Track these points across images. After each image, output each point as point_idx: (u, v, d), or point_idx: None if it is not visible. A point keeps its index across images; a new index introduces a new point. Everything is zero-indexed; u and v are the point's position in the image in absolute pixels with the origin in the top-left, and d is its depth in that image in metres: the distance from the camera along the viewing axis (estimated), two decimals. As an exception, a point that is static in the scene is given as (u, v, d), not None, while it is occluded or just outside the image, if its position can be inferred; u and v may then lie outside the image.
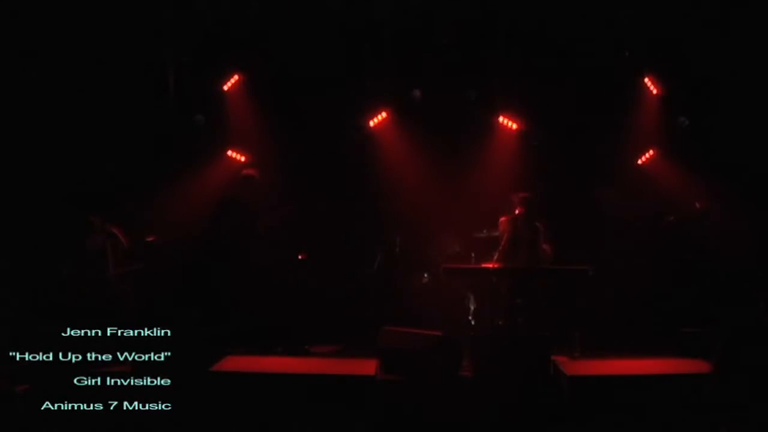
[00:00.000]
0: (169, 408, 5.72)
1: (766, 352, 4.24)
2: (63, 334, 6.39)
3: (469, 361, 6.63)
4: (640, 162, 9.24)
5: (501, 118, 9.20)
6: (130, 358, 6.24)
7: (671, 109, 9.06)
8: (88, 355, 6.23)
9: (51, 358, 6.13)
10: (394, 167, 9.28)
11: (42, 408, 5.65)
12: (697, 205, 8.34)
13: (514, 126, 9.21)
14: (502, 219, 7.83)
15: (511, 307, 7.48)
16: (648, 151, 9.21)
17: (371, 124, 9.30)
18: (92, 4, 8.44)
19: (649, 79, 9.11)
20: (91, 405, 5.75)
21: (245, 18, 8.93)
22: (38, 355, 6.22)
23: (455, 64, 9.12)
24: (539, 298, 7.56)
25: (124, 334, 6.50)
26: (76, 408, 5.71)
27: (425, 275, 8.71)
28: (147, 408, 5.75)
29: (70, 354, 6.14)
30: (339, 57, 9.14)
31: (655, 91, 9.13)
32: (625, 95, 9.12)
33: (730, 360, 4.30)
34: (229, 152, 9.10)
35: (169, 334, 6.29)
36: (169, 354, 6.11)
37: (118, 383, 5.98)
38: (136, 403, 5.78)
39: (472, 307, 8.00)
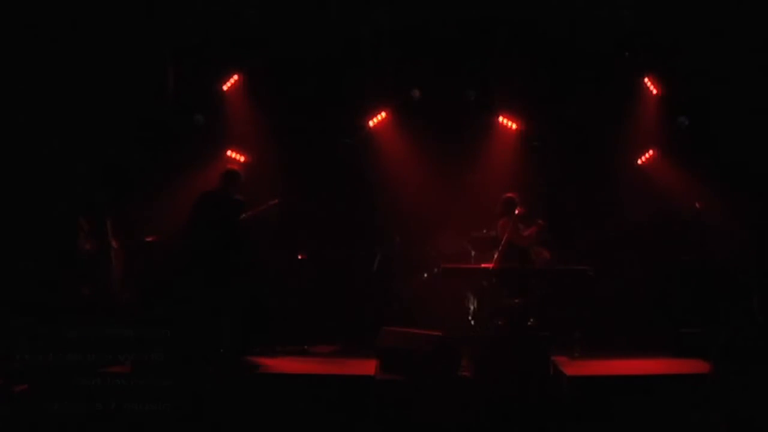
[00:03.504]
0: (169, 408, 5.73)
1: (762, 350, 4.24)
2: (63, 334, 6.39)
3: (469, 361, 6.63)
4: (640, 162, 9.25)
5: (501, 118, 9.21)
6: (130, 358, 6.25)
7: (671, 109, 9.06)
8: (88, 355, 6.23)
9: (51, 358, 6.14)
10: (394, 167, 9.28)
11: (42, 408, 5.66)
12: (697, 205, 8.34)
13: (514, 126, 9.21)
14: (501, 222, 7.89)
15: (511, 307, 7.49)
16: (648, 151, 9.21)
17: (371, 124, 9.30)
18: (91, 3, 8.43)
19: (649, 79, 9.11)
20: (91, 405, 5.76)
21: (245, 18, 8.92)
22: (38, 355, 6.22)
23: (455, 64, 9.13)
24: (539, 298, 7.57)
25: (124, 334, 6.51)
26: (76, 408, 5.72)
27: (425, 275, 8.71)
28: (147, 408, 5.76)
29: (70, 354, 6.15)
30: (338, 57, 9.14)
31: (655, 91, 9.13)
32: (624, 95, 9.12)
33: (727, 359, 4.30)
34: (229, 152, 9.09)
35: (169, 334, 6.30)
36: (169, 354, 6.11)
37: (118, 383, 5.98)
38: (136, 403, 5.79)
39: (472, 307, 8.00)
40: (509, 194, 8.05)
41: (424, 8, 8.95)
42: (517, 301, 7.52)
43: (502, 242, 7.64)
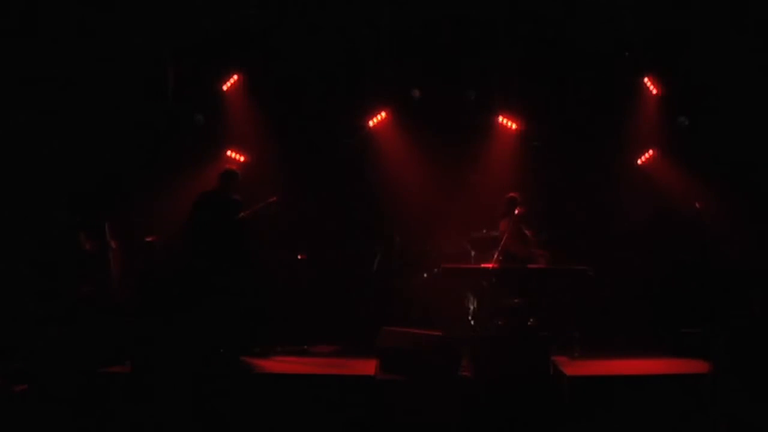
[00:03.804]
0: (168, 407, 5.74)
1: (762, 350, 4.24)
2: (64, 333, 6.40)
3: (469, 361, 6.62)
4: (640, 162, 9.24)
5: (501, 118, 9.21)
6: (130, 358, 6.25)
7: (671, 109, 9.05)
8: (89, 353, 6.24)
9: (51, 356, 6.14)
10: (394, 167, 9.28)
11: (42, 407, 5.66)
12: (697, 205, 8.34)
13: (514, 126, 9.21)
14: (502, 222, 7.89)
15: (511, 307, 7.48)
16: (648, 151, 9.21)
17: (371, 124, 9.30)
18: (92, 4, 8.43)
19: (649, 79, 9.10)
20: (91, 404, 5.77)
21: (245, 18, 8.92)
22: (38, 353, 6.23)
23: (455, 64, 9.12)
24: (539, 298, 7.56)
25: (124, 334, 6.52)
26: (76, 407, 5.73)
27: (425, 275, 8.70)
28: (146, 407, 5.77)
29: (70, 354, 6.16)
30: (339, 57, 9.14)
31: (654, 91, 9.13)
32: (624, 95, 9.12)
33: (727, 359, 4.29)
34: (229, 152, 9.09)
35: (169, 334, 6.30)
36: (169, 354, 6.12)
37: (119, 382, 5.99)
38: (135, 402, 5.80)
39: (472, 307, 7.99)
40: (511, 194, 8.03)
41: (424, 8, 8.95)
42: (517, 301, 7.51)
43: (500, 246, 7.63)
